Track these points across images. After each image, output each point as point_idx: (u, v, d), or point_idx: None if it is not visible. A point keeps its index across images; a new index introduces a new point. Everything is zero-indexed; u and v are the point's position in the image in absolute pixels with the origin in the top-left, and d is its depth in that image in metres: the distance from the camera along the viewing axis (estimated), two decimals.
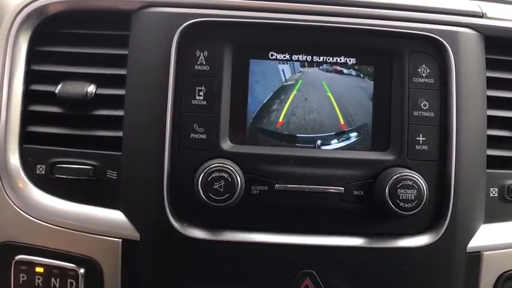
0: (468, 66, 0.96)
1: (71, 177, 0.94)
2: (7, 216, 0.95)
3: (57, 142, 0.96)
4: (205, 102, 0.93)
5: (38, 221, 0.94)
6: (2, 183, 0.95)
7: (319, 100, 0.95)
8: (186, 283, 0.93)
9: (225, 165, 0.88)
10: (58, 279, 0.93)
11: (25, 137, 0.97)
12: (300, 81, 0.96)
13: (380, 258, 0.93)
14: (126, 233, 0.93)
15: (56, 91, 0.95)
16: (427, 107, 0.95)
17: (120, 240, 0.93)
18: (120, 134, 0.95)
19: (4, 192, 0.95)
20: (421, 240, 0.94)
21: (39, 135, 0.97)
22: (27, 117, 0.97)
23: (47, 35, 0.98)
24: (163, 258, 0.93)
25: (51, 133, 0.96)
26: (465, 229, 0.96)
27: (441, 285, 0.95)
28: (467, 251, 0.96)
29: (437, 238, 0.93)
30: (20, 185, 0.95)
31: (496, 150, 1.00)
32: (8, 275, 0.94)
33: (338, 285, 0.93)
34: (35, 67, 0.98)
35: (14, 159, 0.95)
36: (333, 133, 0.95)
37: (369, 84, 0.96)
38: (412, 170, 0.92)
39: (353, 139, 0.96)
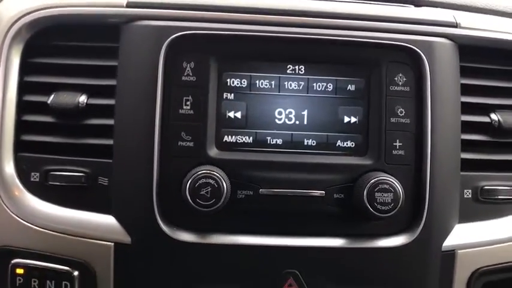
0: (443, 74, 1.01)
1: (65, 184, 0.99)
2: (3, 222, 0.99)
3: (50, 150, 1.00)
4: (192, 112, 0.97)
5: (34, 227, 0.98)
6: None
7: (300, 108, 1.00)
8: (176, 284, 0.97)
9: (212, 172, 0.93)
10: (53, 281, 0.97)
11: (19, 146, 1.00)
12: (282, 90, 1.00)
13: (359, 258, 0.98)
14: (118, 237, 0.97)
15: (49, 101, 0.99)
16: (403, 114, 1.00)
17: (113, 244, 0.97)
18: (110, 142, 0.99)
19: (0, 199, 0.98)
20: (398, 240, 0.99)
21: (33, 144, 1.00)
22: (21, 127, 1.01)
23: (38, 47, 1.02)
24: (154, 261, 0.97)
25: (45, 142, 1.00)
26: (440, 229, 1.01)
27: (417, 282, 1.00)
28: (442, 249, 1.01)
29: (414, 238, 0.98)
30: (16, 193, 0.99)
31: (469, 153, 1.05)
32: (5, 278, 0.98)
33: (320, 284, 0.98)
34: (28, 78, 1.02)
35: (9, 167, 0.99)
36: (315, 139, 1.00)
37: (348, 93, 1.01)
38: (389, 174, 0.97)
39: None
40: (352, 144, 1.00)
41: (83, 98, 0.99)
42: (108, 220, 0.98)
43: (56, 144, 1.00)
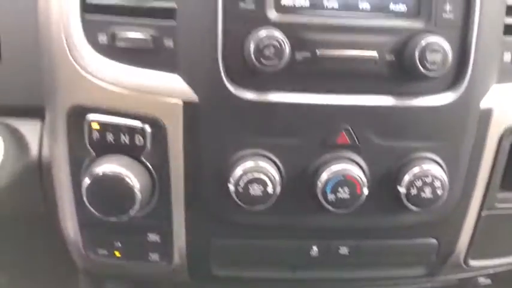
0: None
1: (131, 46, 1.03)
2: (76, 82, 1.05)
3: (116, 13, 1.04)
4: None
5: (105, 85, 1.04)
6: (68, 51, 1.04)
7: None
8: (240, 137, 1.07)
9: (274, 34, 0.98)
10: (127, 135, 1.06)
11: (85, 8, 1.04)
12: None
13: (406, 115, 1.07)
14: (186, 96, 1.05)
15: None
16: None
17: (181, 101, 1.05)
18: (173, 4, 1.02)
19: (72, 59, 1.04)
20: (442, 98, 1.07)
21: (99, 8, 1.04)
22: None
23: None
24: (219, 117, 1.05)
25: (110, 5, 1.03)
26: (481, 88, 1.09)
27: (457, 138, 1.10)
28: (481, 107, 1.10)
29: (457, 97, 1.07)
30: (86, 53, 1.03)
31: None
32: (82, 134, 1.07)
33: (369, 138, 1.08)
34: None
35: (78, 29, 1.03)
36: (369, 2, 1.04)
37: None
38: (439, 35, 1.02)
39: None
40: (405, 8, 1.05)
41: None
42: (175, 80, 1.05)
43: (121, 7, 1.03)
